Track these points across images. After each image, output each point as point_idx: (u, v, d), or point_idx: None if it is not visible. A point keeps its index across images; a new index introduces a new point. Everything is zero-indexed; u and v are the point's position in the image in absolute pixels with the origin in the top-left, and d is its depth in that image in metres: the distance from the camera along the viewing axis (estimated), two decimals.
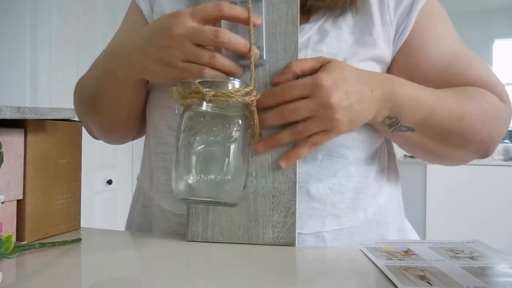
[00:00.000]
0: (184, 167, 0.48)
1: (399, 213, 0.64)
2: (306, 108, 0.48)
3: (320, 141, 0.50)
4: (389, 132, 0.54)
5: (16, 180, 0.51)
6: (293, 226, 0.51)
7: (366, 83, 0.50)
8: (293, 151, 0.51)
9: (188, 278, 0.41)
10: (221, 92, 0.45)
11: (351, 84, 0.48)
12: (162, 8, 0.63)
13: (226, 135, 0.47)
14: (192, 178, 0.47)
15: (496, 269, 0.42)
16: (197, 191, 0.47)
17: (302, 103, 0.48)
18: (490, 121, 0.55)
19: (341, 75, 0.48)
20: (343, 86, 0.48)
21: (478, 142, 0.56)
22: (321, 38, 0.55)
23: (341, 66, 0.49)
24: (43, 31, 1.80)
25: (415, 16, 0.57)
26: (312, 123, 0.48)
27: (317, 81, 0.48)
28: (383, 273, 0.40)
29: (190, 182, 0.47)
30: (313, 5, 0.55)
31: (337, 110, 0.47)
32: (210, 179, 0.47)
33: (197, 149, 0.47)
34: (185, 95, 0.46)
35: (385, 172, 0.61)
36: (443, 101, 0.53)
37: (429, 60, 0.57)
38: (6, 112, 0.45)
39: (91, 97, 0.63)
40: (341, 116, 0.48)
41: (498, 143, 0.58)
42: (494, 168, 3.13)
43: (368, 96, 0.50)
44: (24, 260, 0.45)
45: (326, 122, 0.48)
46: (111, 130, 0.69)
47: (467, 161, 0.60)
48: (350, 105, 0.48)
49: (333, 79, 0.47)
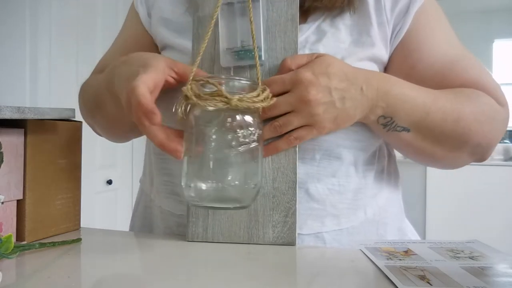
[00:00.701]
0: (196, 173, 0.46)
1: (399, 213, 0.64)
2: (286, 103, 0.48)
3: (302, 136, 0.50)
4: (384, 132, 0.54)
5: (16, 180, 0.51)
6: (293, 226, 0.51)
7: (356, 81, 0.49)
8: (273, 143, 0.51)
9: (188, 278, 0.41)
10: (246, 97, 0.44)
11: (336, 81, 0.48)
12: (161, 12, 0.63)
13: (241, 141, 0.45)
14: (205, 184, 0.45)
15: (496, 269, 0.42)
16: (210, 198, 0.46)
17: (281, 97, 0.48)
18: (486, 123, 0.55)
19: (325, 71, 0.48)
20: (325, 81, 0.47)
21: (474, 144, 0.55)
22: (319, 38, 0.55)
23: (329, 62, 0.49)
24: (43, 31, 1.80)
25: (411, 16, 0.57)
26: (293, 116, 0.48)
27: (297, 75, 0.48)
28: (383, 273, 0.40)
29: (203, 189, 0.45)
30: (311, 5, 0.55)
31: (316, 105, 0.47)
32: (224, 186, 0.45)
33: (211, 155, 0.45)
34: (202, 96, 0.44)
35: (385, 173, 0.61)
36: (439, 101, 0.53)
37: (425, 61, 0.57)
38: (6, 112, 0.45)
39: (93, 102, 0.64)
40: (322, 112, 0.48)
41: (495, 146, 0.57)
42: (494, 168, 3.13)
43: (355, 94, 0.49)
44: (24, 260, 0.45)
45: (306, 117, 0.48)
46: (114, 132, 0.69)
47: (463, 164, 0.59)
48: (331, 101, 0.48)
49: (314, 74, 0.47)
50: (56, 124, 0.56)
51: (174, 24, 0.61)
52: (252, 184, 0.46)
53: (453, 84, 0.57)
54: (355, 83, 0.49)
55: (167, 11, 0.62)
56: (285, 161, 0.51)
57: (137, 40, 0.67)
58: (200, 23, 0.54)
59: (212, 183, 0.45)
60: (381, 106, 0.51)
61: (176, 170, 0.58)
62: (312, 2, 0.55)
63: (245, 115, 0.45)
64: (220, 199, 0.46)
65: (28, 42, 1.76)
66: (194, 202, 0.46)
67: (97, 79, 0.65)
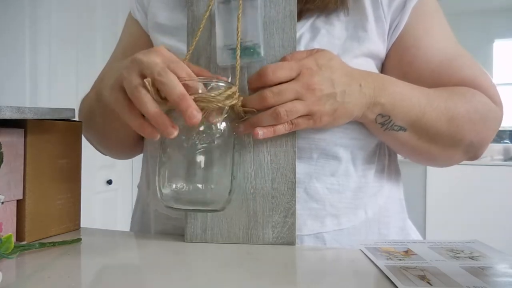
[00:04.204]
0: (166, 175, 0.46)
1: (401, 212, 0.64)
2: (292, 89, 0.47)
3: (299, 124, 0.48)
4: (381, 131, 0.54)
5: (16, 180, 0.51)
6: (293, 226, 0.51)
7: (355, 78, 0.50)
8: (271, 126, 0.48)
9: (188, 278, 0.41)
10: (200, 96, 0.43)
11: (338, 74, 0.48)
12: (155, 17, 0.64)
13: (207, 142, 0.45)
14: (174, 186, 0.46)
15: (496, 269, 0.42)
16: (181, 200, 0.46)
17: (287, 84, 0.47)
18: (480, 122, 0.55)
19: (328, 63, 0.48)
20: (328, 73, 0.48)
21: (468, 143, 0.55)
22: (314, 36, 0.55)
23: (330, 56, 0.49)
24: (43, 31, 1.80)
25: (408, 12, 0.57)
26: (298, 104, 0.47)
27: (303, 63, 0.48)
28: (383, 273, 0.40)
29: (173, 191, 0.46)
30: (304, 8, 0.55)
31: (320, 94, 0.47)
32: (193, 188, 0.45)
33: (178, 157, 0.45)
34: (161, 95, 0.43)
35: (385, 171, 0.61)
36: (435, 100, 0.53)
37: (422, 58, 0.57)
38: (6, 112, 0.45)
39: (88, 119, 0.64)
40: (324, 102, 0.47)
41: (487, 145, 0.58)
42: (494, 168, 3.13)
43: (355, 90, 0.49)
44: (24, 260, 0.45)
45: (310, 106, 0.47)
46: (114, 151, 0.71)
47: (457, 162, 0.60)
48: (333, 93, 0.48)
49: (318, 65, 0.48)
50: (56, 124, 0.56)
51: (169, 29, 0.61)
52: (220, 186, 0.46)
53: (449, 82, 0.57)
54: (354, 79, 0.50)
55: (161, 17, 0.63)
56: (284, 161, 0.51)
57: (138, 46, 0.67)
58: (194, 20, 0.54)
59: (180, 185, 0.45)
60: (380, 103, 0.51)
61: None
62: (304, 4, 0.55)
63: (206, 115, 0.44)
64: (190, 201, 0.46)
65: (28, 42, 1.76)
66: (166, 204, 0.47)
67: (89, 96, 0.66)
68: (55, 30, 1.85)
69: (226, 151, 0.47)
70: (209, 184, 0.46)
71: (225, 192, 0.47)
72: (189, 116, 0.41)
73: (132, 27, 0.69)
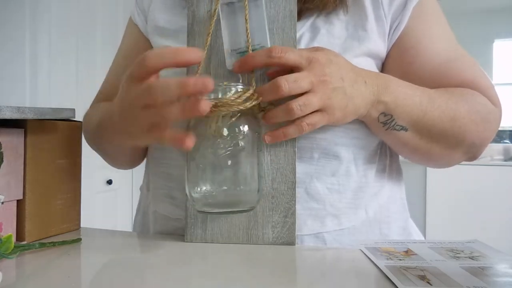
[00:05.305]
0: (195, 180, 0.47)
1: (403, 212, 0.63)
2: (306, 79, 0.46)
3: (316, 122, 0.48)
4: (383, 131, 0.54)
5: (16, 180, 0.51)
6: (293, 226, 0.51)
7: (360, 75, 0.50)
8: (282, 129, 0.48)
9: (188, 278, 0.41)
10: (221, 102, 0.44)
11: (344, 70, 0.48)
12: (155, 21, 0.64)
13: (231, 145, 0.46)
14: (204, 190, 0.47)
15: (496, 269, 0.42)
16: (212, 203, 0.47)
17: (300, 74, 0.46)
18: (481, 123, 0.55)
19: (335, 59, 0.49)
20: (335, 68, 0.48)
21: (469, 143, 0.56)
22: (314, 36, 0.55)
23: (334, 53, 0.50)
24: (43, 31, 1.80)
25: (409, 12, 0.57)
26: (312, 96, 0.46)
27: (313, 55, 0.47)
28: (383, 273, 0.40)
29: (203, 195, 0.47)
30: (303, 7, 0.55)
31: (332, 87, 0.47)
32: (222, 191, 0.47)
33: (205, 163, 0.46)
34: None
35: (386, 171, 0.61)
36: (436, 100, 0.53)
37: (422, 59, 0.57)
38: (6, 112, 0.45)
39: (95, 134, 0.64)
40: (334, 96, 0.47)
41: (487, 146, 0.58)
42: (494, 168, 3.13)
43: (362, 86, 0.49)
44: (24, 260, 0.45)
45: (323, 99, 0.46)
46: (119, 162, 0.73)
47: (457, 162, 0.60)
48: (343, 87, 0.48)
49: (328, 59, 0.48)
50: (56, 124, 0.56)
51: (169, 32, 0.61)
52: (248, 186, 0.47)
53: (449, 83, 0.57)
54: (360, 76, 0.50)
55: (161, 20, 0.63)
56: (284, 161, 0.51)
57: (139, 52, 0.67)
58: (195, 19, 0.53)
59: (210, 188, 0.47)
60: (383, 102, 0.51)
61: (173, 173, 0.58)
62: (303, 3, 0.55)
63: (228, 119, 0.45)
64: (221, 204, 0.47)
65: (28, 42, 1.76)
66: (198, 209, 0.48)
67: (99, 107, 0.66)
68: (55, 30, 1.85)
69: (251, 151, 0.48)
70: (238, 186, 0.47)
71: (254, 192, 0.48)
72: (199, 88, 0.38)
73: (132, 33, 0.70)
